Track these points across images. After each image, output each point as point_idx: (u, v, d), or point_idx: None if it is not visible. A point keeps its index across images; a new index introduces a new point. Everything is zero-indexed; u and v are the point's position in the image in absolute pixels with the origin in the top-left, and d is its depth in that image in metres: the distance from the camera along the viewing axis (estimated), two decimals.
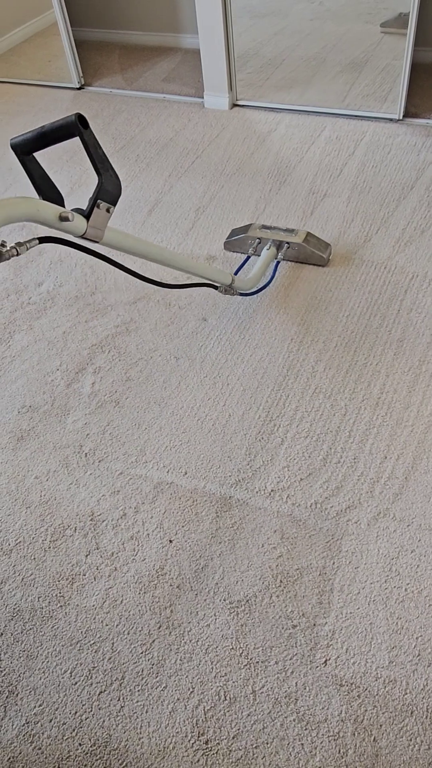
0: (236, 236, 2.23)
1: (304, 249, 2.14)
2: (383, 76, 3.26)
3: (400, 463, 1.58)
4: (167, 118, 3.18)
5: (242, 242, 2.22)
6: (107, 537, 1.50)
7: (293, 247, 2.15)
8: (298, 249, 2.15)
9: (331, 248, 2.19)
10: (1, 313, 2.14)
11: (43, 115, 3.29)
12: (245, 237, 2.20)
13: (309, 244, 2.13)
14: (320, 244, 2.17)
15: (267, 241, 2.16)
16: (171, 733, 1.20)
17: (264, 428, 1.69)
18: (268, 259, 2.11)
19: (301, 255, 2.17)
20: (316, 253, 2.14)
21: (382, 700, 1.21)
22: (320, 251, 2.14)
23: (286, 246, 2.15)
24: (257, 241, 2.18)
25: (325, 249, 2.16)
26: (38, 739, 1.21)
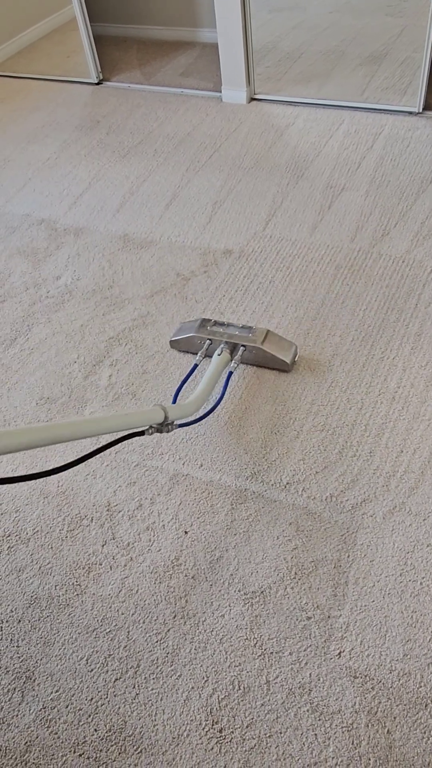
0: (184, 334, 1.85)
1: (263, 352, 1.76)
2: (402, 69, 3.24)
3: (417, 458, 1.57)
4: (185, 112, 3.18)
5: (190, 342, 1.85)
6: (123, 527, 1.51)
7: (250, 350, 1.77)
8: (256, 352, 1.77)
9: (296, 348, 1.81)
10: (19, 306, 2.16)
11: (62, 111, 3.31)
12: (193, 337, 1.82)
13: (269, 347, 1.76)
14: (282, 344, 1.79)
15: (219, 342, 1.79)
16: (185, 721, 1.21)
17: (280, 421, 1.70)
18: (217, 369, 1.73)
19: (259, 359, 1.80)
20: (278, 357, 1.77)
21: (396, 692, 1.21)
22: (282, 354, 1.77)
23: (241, 349, 1.77)
24: (207, 342, 1.81)
25: (287, 351, 1.79)
26: (54, 724, 1.23)
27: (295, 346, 1.81)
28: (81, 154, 2.93)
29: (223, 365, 1.75)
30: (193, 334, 1.82)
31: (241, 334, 1.78)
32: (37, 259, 2.35)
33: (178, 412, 1.49)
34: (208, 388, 1.66)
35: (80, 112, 3.29)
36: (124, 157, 2.88)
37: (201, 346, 1.82)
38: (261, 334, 1.77)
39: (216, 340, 1.79)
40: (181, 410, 1.52)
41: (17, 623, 1.37)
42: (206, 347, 1.81)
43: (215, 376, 1.71)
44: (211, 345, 1.81)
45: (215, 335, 1.80)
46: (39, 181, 2.78)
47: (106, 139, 3.03)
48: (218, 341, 1.79)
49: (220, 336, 1.79)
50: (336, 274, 2.13)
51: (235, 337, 1.78)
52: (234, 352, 1.78)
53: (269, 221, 2.39)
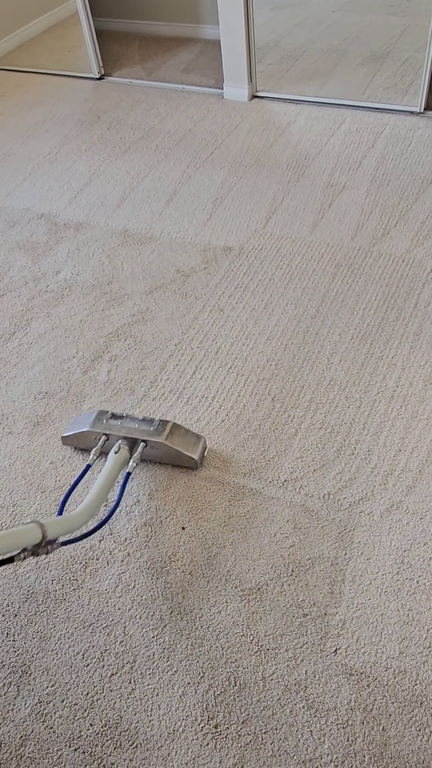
0: (77, 429, 1.61)
1: (167, 448, 1.54)
2: (405, 68, 3.24)
3: (414, 457, 1.58)
4: (186, 109, 3.17)
5: (84, 438, 1.61)
6: (121, 523, 1.51)
7: (152, 446, 1.55)
8: (159, 448, 1.55)
9: (204, 442, 1.61)
10: (18, 300, 2.16)
11: (63, 105, 3.30)
12: (88, 432, 1.58)
13: (173, 442, 1.54)
14: (189, 439, 1.58)
15: (116, 438, 1.56)
16: (181, 717, 1.21)
17: (278, 419, 1.70)
18: (114, 468, 1.50)
19: (163, 456, 1.58)
20: (184, 454, 1.56)
21: (392, 690, 1.21)
22: (189, 450, 1.56)
23: (142, 445, 1.54)
24: (103, 438, 1.56)
25: (195, 446, 1.58)
26: (50, 718, 1.23)
27: (203, 440, 1.61)
28: (82, 149, 2.92)
29: (120, 465, 1.51)
30: (88, 429, 1.58)
31: (141, 427, 1.55)
32: (37, 253, 2.35)
33: (62, 526, 1.24)
34: (101, 494, 1.42)
35: (81, 107, 3.28)
36: (125, 152, 2.88)
37: (96, 442, 1.58)
38: (164, 427, 1.55)
39: (113, 435, 1.56)
40: (66, 524, 1.27)
41: (13, 617, 1.37)
42: (102, 444, 1.57)
43: (111, 479, 1.47)
44: (107, 441, 1.57)
45: (112, 429, 1.56)
46: (39, 175, 2.78)
47: (107, 135, 3.02)
48: (115, 436, 1.56)
49: (118, 430, 1.55)
50: (336, 273, 2.13)
51: (135, 432, 1.55)
52: (134, 449, 1.56)
53: (270, 219, 2.39)
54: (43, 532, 1.17)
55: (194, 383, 1.81)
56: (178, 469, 1.60)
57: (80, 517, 1.33)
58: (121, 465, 1.52)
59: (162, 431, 1.55)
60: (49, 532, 1.19)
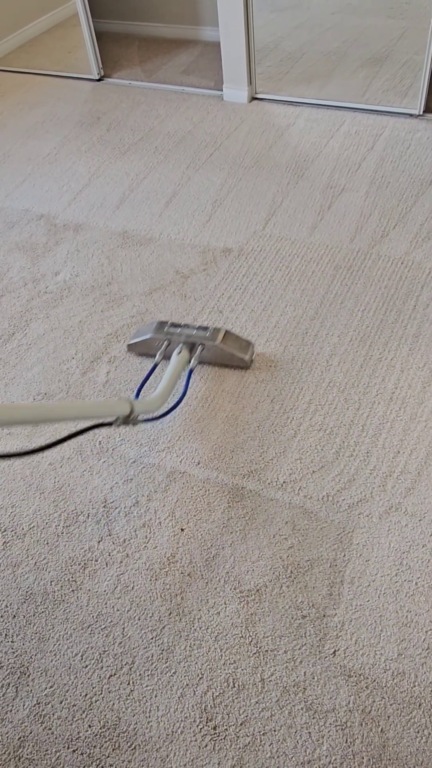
0: (141, 337, 1.85)
1: (221, 351, 1.78)
2: (404, 71, 3.24)
3: (413, 458, 1.58)
4: (186, 110, 3.18)
5: (148, 345, 1.85)
6: (119, 524, 1.51)
7: (209, 349, 1.79)
8: (214, 351, 1.79)
9: (253, 347, 1.84)
10: (18, 301, 2.16)
11: (62, 106, 3.30)
12: (151, 339, 1.82)
13: (227, 345, 1.78)
14: (240, 343, 1.82)
15: (177, 343, 1.80)
16: (179, 718, 1.21)
17: (277, 420, 1.70)
18: (178, 367, 1.74)
19: (218, 357, 1.81)
20: (236, 355, 1.79)
21: (390, 691, 1.21)
22: (240, 352, 1.80)
23: (200, 348, 1.78)
24: (165, 343, 1.80)
25: (246, 349, 1.82)
26: (48, 719, 1.22)
27: (252, 345, 1.84)
28: (81, 150, 2.93)
29: (183, 364, 1.77)
30: (152, 335, 1.81)
31: (198, 333, 1.78)
32: (36, 254, 2.35)
33: (143, 407, 1.52)
34: (170, 385, 1.67)
35: (81, 108, 3.29)
36: (125, 153, 2.88)
37: (159, 347, 1.82)
38: (219, 333, 1.78)
39: (174, 340, 1.79)
40: (146, 405, 1.54)
41: (12, 618, 1.36)
42: (164, 348, 1.80)
43: (176, 374, 1.72)
44: (169, 346, 1.80)
45: (173, 336, 1.79)
46: (39, 176, 2.78)
47: (107, 136, 3.02)
48: (176, 342, 1.79)
49: (178, 336, 1.79)
50: (335, 275, 2.13)
51: (192, 337, 1.78)
52: (193, 351, 1.79)
53: (269, 220, 2.39)
54: (131, 407, 1.43)
55: (193, 385, 1.81)
56: (178, 472, 1.61)
57: (156, 401, 1.60)
58: (184, 364, 1.77)
59: (217, 336, 1.78)
60: (135, 408, 1.45)
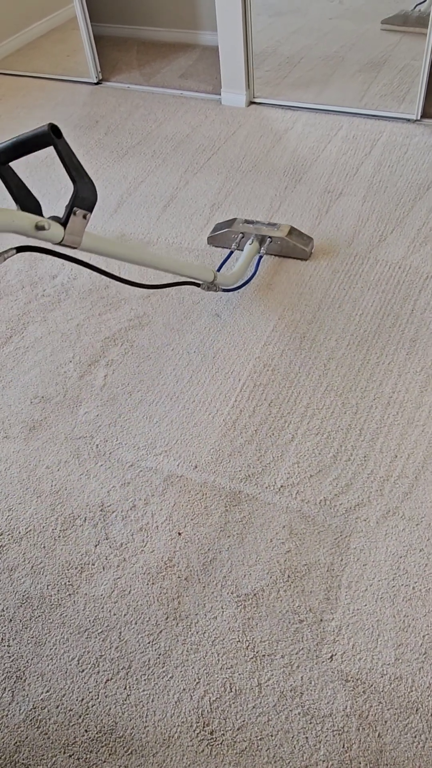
0: (220, 231, 2.24)
1: (286, 243, 2.15)
2: (401, 76, 3.25)
3: (411, 463, 1.58)
4: (184, 114, 3.18)
5: (225, 237, 2.23)
6: (117, 528, 1.51)
7: (276, 241, 2.16)
8: (280, 243, 2.16)
9: (313, 242, 2.21)
10: (15, 304, 2.15)
11: (60, 109, 3.30)
12: (228, 232, 2.21)
13: (291, 238, 2.15)
14: (302, 238, 2.19)
15: (250, 235, 2.17)
16: (176, 723, 1.20)
17: (274, 424, 1.70)
18: (250, 254, 2.11)
19: (283, 249, 2.19)
20: (299, 247, 2.15)
21: (388, 696, 1.21)
22: (303, 245, 2.16)
23: (268, 240, 2.15)
24: (240, 236, 2.19)
25: (307, 243, 2.18)
26: (45, 724, 1.22)
27: (312, 240, 2.21)
28: (79, 153, 2.93)
29: (254, 252, 2.14)
30: (229, 229, 2.20)
31: (268, 228, 2.17)
32: (34, 257, 2.35)
33: (223, 279, 1.91)
34: (243, 267, 2.05)
35: (79, 111, 3.29)
36: (123, 157, 2.88)
37: (235, 239, 2.21)
38: (285, 228, 2.17)
39: (247, 233, 2.17)
40: (225, 279, 1.92)
41: (8, 622, 1.36)
42: (239, 240, 2.19)
43: (248, 259, 2.09)
44: (242, 239, 2.19)
45: (247, 230, 2.17)
46: (36, 180, 2.78)
47: (105, 139, 3.02)
48: (249, 234, 2.16)
49: (251, 230, 2.16)
50: (333, 279, 2.14)
51: (263, 230, 2.16)
52: (262, 243, 2.17)
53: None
54: (214, 275, 1.85)
55: (191, 388, 1.81)
56: (175, 476, 1.60)
57: (234, 276, 1.99)
58: (255, 252, 2.16)
59: (284, 231, 2.16)
60: (218, 278, 1.87)
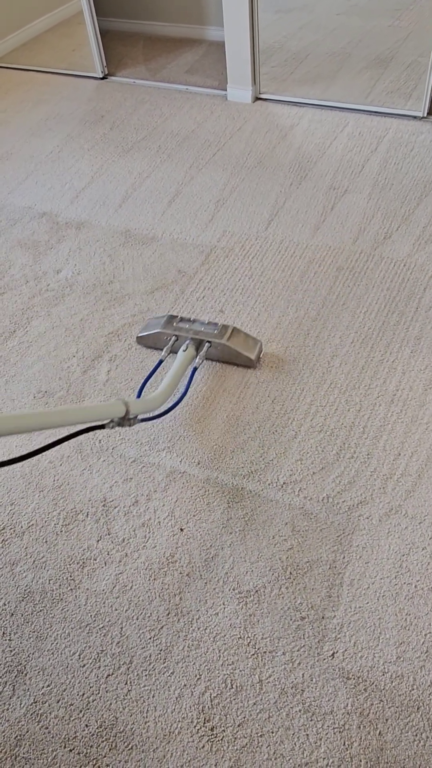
0: (151, 330, 1.87)
1: (228, 349, 1.78)
2: (408, 73, 3.24)
3: (414, 461, 1.58)
4: (189, 109, 3.17)
5: (156, 338, 1.87)
6: (119, 523, 1.50)
7: (215, 346, 1.79)
8: (221, 349, 1.79)
9: (261, 345, 1.83)
10: (19, 298, 2.15)
11: (66, 104, 3.30)
12: (160, 333, 1.84)
13: (234, 343, 1.78)
14: (248, 341, 1.81)
15: (184, 339, 1.81)
16: (177, 718, 1.20)
17: (278, 421, 1.69)
18: (183, 364, 1.75)
19: (224, 355, 1.81)
20: (243, 354, 1.78)
21: (389, 694, 1.21)
22: (247, 351, 1.79)
23: (206, 345, 1.79)
24: (173, 338, 1.82)
25: (253, 348, 1.81)
26: (45, 718, 1.22)
27: (259, 343, 1.83)
28: (84, 148, 2.92)
29: (188, 361, 1.77)
30: (160, 330, 1.84)
31: (206, 330, 1.80)
32: (38, 251, 2.35)
33: (141, 406, 1.49)
34: (172, 384, 1.67)
35: (84, 106, 3.28)
36: (128, 152, 2.88)
37: (167, 342, 1.84)
38: (226, 330, 1.79)
39: (182, 336, 1.81)
40: (144, 405, 1.52)
41: (10, 617, 1.36)
42: (172, 343, 1.82)
43: (180, 372, 1.72)
44: (176, 341, 1.82)
45: (181, 331, 1.81)
46: (41, 173, 2.77)
47: (110, 134, 3.02)
48: (184, 338, 1.80)
49: (186, 332, 1.80)
50: (337, 276, 2.13)
51: (200, 334, 1.79)
52: (199, 349, 1.80)
53: (272, 221, 2.39)
54: (126, 408, 1.40)
55: (194, 384, 1.81)
56: (178, 471, 1.60)
57: (156, 400, 1.58)
58: (189, 361, 1.77)
59: (224, 333, 1.78)
60: (132, 409, 1.42)
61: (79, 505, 1.55)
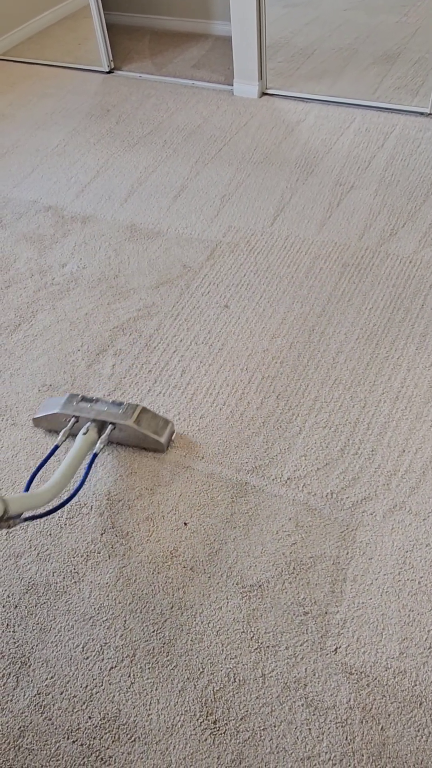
0: (47, 411, 1.65)
1: (134, 431, 1.58)
2: (415, 69, 3.23)
3: (418, 457, 1.57)
4: (196, 104, 3.17)
5: (55, 420, 1.65)
6: (123, 517, 1.51)
7: (120, 428, 1.58)
8: (127, 431, 1.59)
9: (172, 427, 1.64)
10: (24, 292, 2.15)
11: (71, 98, 3.29)
12: (58, 414, 1.62)
13: (140, 425, 1.58)
14: (156, 422, 1.62)
15: (86, 420, 1.59)
16: (179, 711, 1.21)
17: (282, 417, 1.69)
18: (81, 450, 1.53)
19: (131, 438, 1.61)
20: (150, 437, 1.59)
21: (392, 690, 1.21)
22: (156, 434, 1.60)
23: (110, 427, 1.58)
24: (73, 420, 1.60)
25: (162, 430, 1.62)
26: (49, 710, 1.22)
27: (171, 424, 1.64)
28: (90, 142, 2.92)
29: (87, 446, 1.54)
30: (58, 411, 1.62)
31: (110, 410, 1.59)
32: (43, 245, 2.34)
33: (24, 503, 1.27)
34: (68, 473, 1.46)
35: (90, 100, 3.28)
36: (134, 146, 2.87)
37: (66, 424, 1.62)
38: (133, 411, 1.58)
39: (83, 417, 1.59)
40: (29, 501, 1.30)
41: (14, 608, 1.36)
42: (71, 425, 1.60)
43: (78, 459, 1.51)
44: (77, 423, 1.61)
45: (82, 412, 1.60)
46: (47, 167, 2.77)
47: (116, 128, 3.01)
48: (85, 418, 1.59)
49: (87, 413, 1.59)
50: (343, 272, 2.13)
51: (103, 414, 1.58)
52: (102, 431, 1.59)
53: (277, 217, 2.39)
54: (5, 507, 1.19)
55: (198, 380, 1.81)
56: (182, 466, 1.60)
57: (45, 495, 1.36)
58: (89, 446, 1.55)
59: (130, 414, 1.58)
60: (11, 507, 1.21)
61: (83, 499, 1.55)
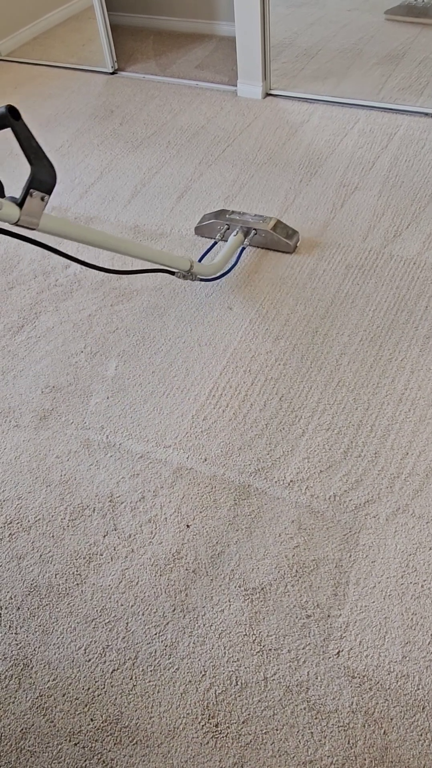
0: (206, 221, 2.25)
1: (271, 236, 2.16)
2: (420, 69, 3.22)
3: (422, 460, 1.57)
4: (199, 105, 3.16)
5: (211, 228, 2.24)
6: (125, 519, 1.51)
7: (260, 233, 2.16)
8: (265, 236, 2.17)
9: (298, 236, 2.21)
10: (27, 293, 2.15)
11: (76, 99, 3.29)
12: (214, 223, 2.21)
13: (276, 231, 2.15)
14: (288, 231, 2.19)
15: (235, 226, 2.18)
16: (181, 714, 1.21)
17: (285, 419, 1.69)
18: (234, 245, 2.12)
19: (268, 242, 2.19)
20: (283, 240, 2.15)
21: (394, 694, 1.21)
22: (287, 238, 2.16)
23: (253, 232, 2.16)
24: (225, 227, 2.19)
25: (292, 236, 2.18)
26: (51, 712, 1.22)
27: (298, 234, 2.21)
28: (94, 143, 2.92)
29: (237, 244, 2.15)
30: (215, 220, 2.21)
31: (254, 220, 2.17)
32: None
33: (201, 268, 1.93)
34: (225, 257, 2.07)
35: (94, 101, 3.28)
36: (137, 147, 2.87)
37: (220, 230, 2.21)
38: (271, 221, 2.17)
39: (233, 225, 2.18)
40: (203, 268, 1.94)
41: (16, 610, 1.37)
42: (224, 231, 2.20)
43: (231, 250, 2.11)
44: (227, 230, 2.20)
45: (233, 221, 2.18)
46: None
47: (120, 129, 3.01)
48: (235, 226, 2.18)
49: (237, 222, 2.18)
50: (346, 274, 2.12)
51: (249, 222, 2.16)
52: (247, 235, 2.17)
53: (281, 217, 2.38)
54: (191, 264, 1.87)
55: (202, 381, 1.81)
56: (185, 469, 1.60)
57: (214, 266, 2.02)
58: (239, 243, 2.17)
59: (269, 223, 2.17)
60: (195, 267, 1.89)
61: (86, 500, 1.55)
